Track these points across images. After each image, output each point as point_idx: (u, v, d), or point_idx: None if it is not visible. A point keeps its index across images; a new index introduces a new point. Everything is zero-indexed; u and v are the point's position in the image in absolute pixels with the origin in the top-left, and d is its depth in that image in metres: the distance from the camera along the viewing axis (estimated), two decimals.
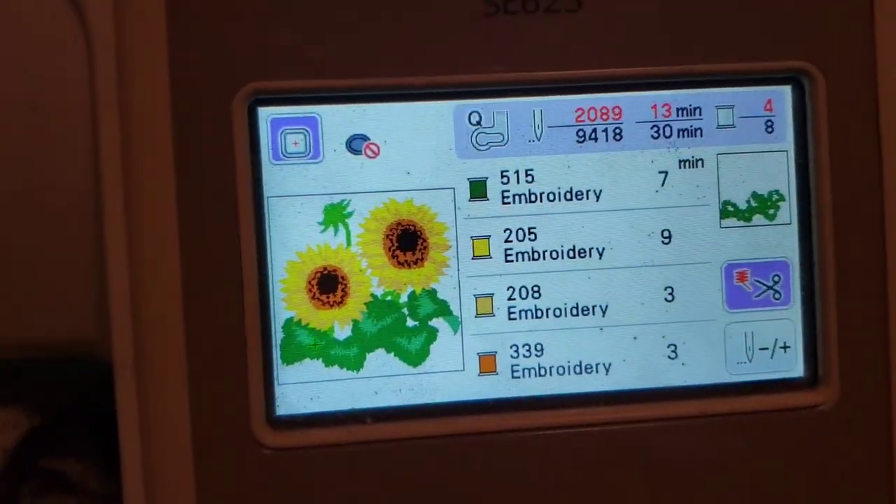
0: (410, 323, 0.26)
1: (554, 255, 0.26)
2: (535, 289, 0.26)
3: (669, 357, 0.26)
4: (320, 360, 0.26)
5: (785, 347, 0.27)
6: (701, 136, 0.26)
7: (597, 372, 0.26)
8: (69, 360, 0.35)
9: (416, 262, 0.26)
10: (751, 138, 0.27)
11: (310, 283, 0.26)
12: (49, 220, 0.27)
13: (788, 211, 0.27)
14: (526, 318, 0.26)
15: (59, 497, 0.34)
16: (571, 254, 0.26)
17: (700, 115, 0.26)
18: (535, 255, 0.26)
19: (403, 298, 0.26)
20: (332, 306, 0.26)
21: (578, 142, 0.26)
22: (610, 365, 0.26)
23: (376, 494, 0.25)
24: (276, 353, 0.25)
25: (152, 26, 0.24)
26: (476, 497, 0.26)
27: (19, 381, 0.32)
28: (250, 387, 0.25)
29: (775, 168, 0.27)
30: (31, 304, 0.28)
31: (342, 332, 0.26)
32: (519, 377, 0.26)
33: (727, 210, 0.27)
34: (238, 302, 0.25)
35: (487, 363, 0.26)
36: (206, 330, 0.25)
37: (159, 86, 0.24)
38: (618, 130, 0.26)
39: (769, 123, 0.27)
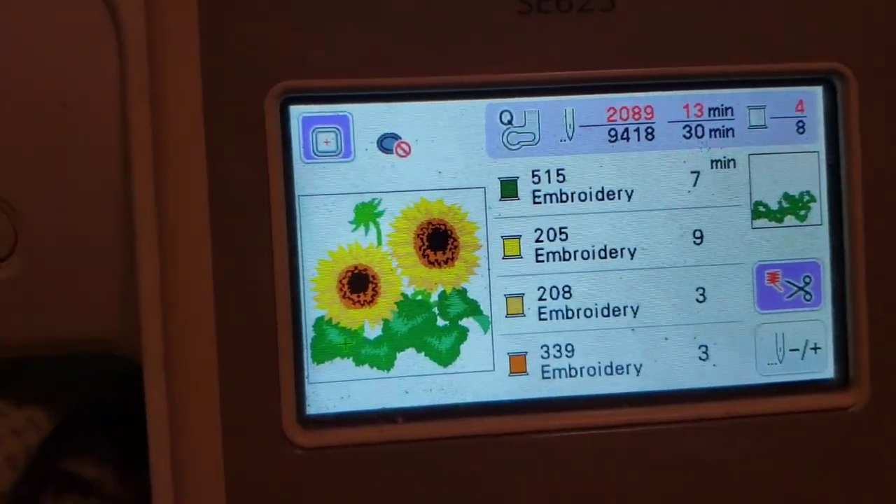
0: (441, 322, 0.26)
1: (585, 255, 0.26)
2: (566, 289, 0.26)
3: (700, 358, 0.26)
4: (351, 359, 0.26)
5: (815, 349, 0.27)
6: (733, 136, 0.26)
7: (627, 373, 0.26)
8: (87, 360, 0.35)
9: (446, 262, 0.26)
10: (782, 139, 0.27)
11: (340, 282, 0.25)
12: (75, 217, 0.27)
13: (819, 212, 0.27)
14: (556, 318, 0.26)
15: (77, 500, 0.34)
16: (602, 254, 0.26)
17: (732, 115, 0.26)
18: (566, 256, 0.26)
19: (434, 298, 0.26)
20: (362, 305, 0.26)
21: (610, 141, 0.26)
22: (641, 366, 0.26)
23: (407, 494, 0.25)
24: (307, 352, 0.25)
25: (184, 24, 0.24)
26: (506, 497, 0.25)
27: (38, 381, 0.32)
28: (282, 386, 0.25)
29: (806, 169, 0.27)
30: (55, 301, 0.27)
31: (373, 331, 0.26)
32: (549, 378, 0.26)
33: (759, 211, 0.26)
34: (269, 300, 0.25)
35: (518, 363, 0.26)
36: (237, 329, 0.25)
37: (191, 83, 0.24)
38: (650, 130, 0.26)
39: (800, 124, 0.27)
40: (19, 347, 0.28)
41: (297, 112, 0.25)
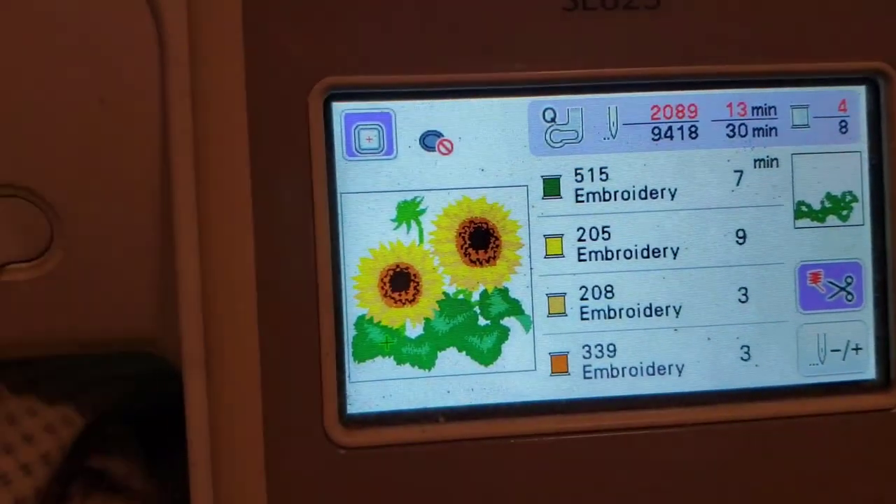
0: (482, 322, 0.26)
1: (628, 254, 0.26)
2: (609, 289, 0.26)
3: (742, 359, 0.26)
4: (392, 357, 0.25)
5: (857, 349, 0.27)
6: (776, 135, 0.26)
7: (669, 373, 0.26)
8: (118, 359, 0.35)
9: (488, 261, 0.26)
10: (825, 138, 0.26)
11: (382, 280, 0.25)
12: (113, 214, 0.27)
13: (861, 212, 0.27)
14: (599, 318, 0.26)
15: (104, 497, 0.34)
16: (645, 253, 0.26)
17: (775, 114, 0.26)
18: (609, 255, 0.26)
19: (475, 297, 0.26)
20: (403, 304, 0.25)
21: (654, 139, 0.26)
22: (683, 366, 0.26)
23: (448, 494, 0.25)
24: (348, 351, 0.25)
25: (227, 20, 0.24)
26: (547, 498, 0.25)
27: (71, 379, 0.32)
28: (324, 385, 0.25)
29: (849, 169, 0.27)
30: (91, 299, 0.27)
31: (414, 330, 0.25)
32: (591, 378, 0.26)
33: (801, 210, 0.26)
34: (312, 299, 0.24)
35: (559, 363, 0.26)
36: (278, 327, 0.24)
37: (234, 80, 0.24)
38: (693, 128, 0.26)
39: (843, 124, 0.27)
40: (54, 345, 0.28)
41: (340, 109, 0.25)
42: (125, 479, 0.35)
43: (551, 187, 0.26)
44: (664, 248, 0.26)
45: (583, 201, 0.26)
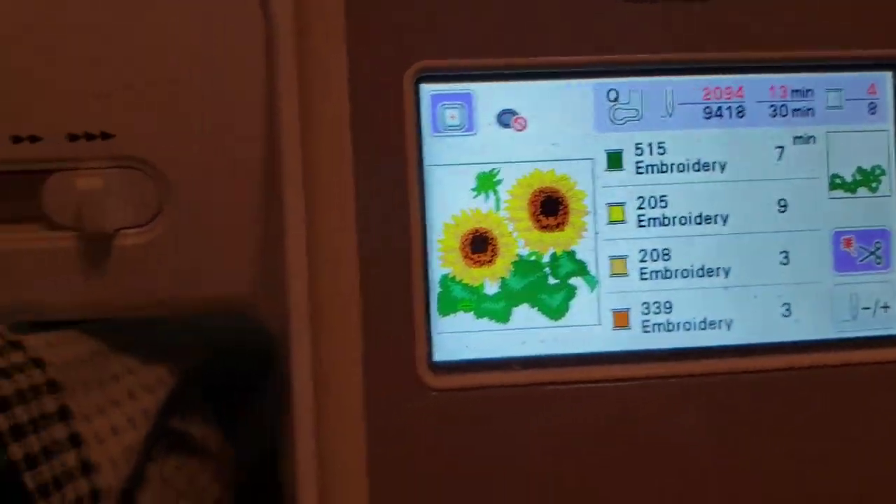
0: (552, 281, 0.29)
1: (682, 221, 0.29)
2: (666, 251, 0.29)
3: (784, 315, 0.29)
4: (472, 312, 0.28)
5: (885, 307, 0.30)
6: (813, 115, 0.29)
7: (720, 328, 0.29)
8: (203, 322, 0.37)
9: (557, 226, 0.29)
10: (856, 118, 0.30)
11: (463, 243, 0.28)
12: (219, 182, 0.29)
13: (889, 183, 0.30)
14: (656, 278, 0.29)
15: (182, 457, 0.36)
16: (698, 220, 0.29)
17: (812, 96, 0.29)
18: (666, 221, 0.29)
19: (546, 259, 0.29)
20: (482, 265, 0.28)
21: (706, 118, 0.29)
22: (731, 321, 0.29)
23: (522, 430, 0.28)
24: (434, 306, 0.28)
25: (331, 9, 0.27)
26: (609, 436, 0.28)
27: (162, 341, 0.34)
28: (415, 335, 0.27)
29: (878, 145, 0.30)
30: (196, 262, 0.30)
31: (491, 287, 0.28)
32: (649, 332, 0.29)
33: (835, 182, 0.29)
34: (405, 259, 0.27)
35: (621, 319, 0.29)
36: (375, 285, 0.27)
37: (337, 63, 0.27)
38: (740, 109, 0.29)
39: (872, 105, 0.30)
40: (159, 306, 0.31)
41: (428, 90, 0.28)
42: (202, 441, 0.37)
43: (614, 160, 0.29)
44: (715, 216, 0.29)
45: (642, 173, 0.29)
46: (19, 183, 0.29)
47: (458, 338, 0.28)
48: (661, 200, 0.29)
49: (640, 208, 0.29)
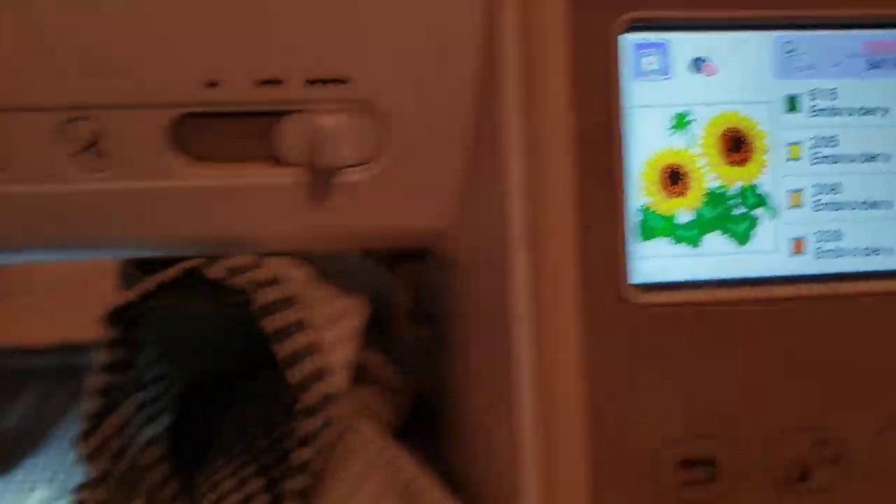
0: (738, 211, 0.32)
1: (851, 159, 0.32)
2: (836, 187, 0.32)
3: None
4: (668, 238, 0.32)
5: None
6: None
7: (886, 255, 0.32)
8: (385, 259, 0.40)
9: (742, 162, 0.32)
10: None
11: (661, 177, 0.32)
12: (433, 124, 0.32)
13: None
14: (828, 210, 0.32)
15: (362, 388, 0.39)
16: (865, 158, 0.32)
17: None
18: (836, 160, 0.32)
19: (732, 191, 0.32)
20: (677, 196, 0.32)
21: (870, 68, 0.32)
22: (893, 249, 0.33)
23: (711, 342, 0.31)
24: (636, 232, 0.31)
25: None
26: (786, 347, 0.32)
27: (352, 276, 0.38)
28: (618, 259, 0.31)
29: None
30: (407, 198, 0.33)
31: (685, 217, 0.32)
32: (822, 257, 0.32)
33: None
34: (611, 191, 0.31)
35: (797, 246, 0.32)
36: (589, 211, 0.31)
37: (554, 12, 0.30)
38: None
39: None
40: (367, 240, 0.34)
41: (630, 39, 0.31)
42: (377, 369, 0.40)
43: (792, 105, 0.32)
44: (880, 154, 0.32)
45: (816, 116, 0.32)
46: (254, 123, 0.32)
47: (657, 261, 0.32)
48: (833, 140, 0.32)
49: (814, 147, 0.32)
